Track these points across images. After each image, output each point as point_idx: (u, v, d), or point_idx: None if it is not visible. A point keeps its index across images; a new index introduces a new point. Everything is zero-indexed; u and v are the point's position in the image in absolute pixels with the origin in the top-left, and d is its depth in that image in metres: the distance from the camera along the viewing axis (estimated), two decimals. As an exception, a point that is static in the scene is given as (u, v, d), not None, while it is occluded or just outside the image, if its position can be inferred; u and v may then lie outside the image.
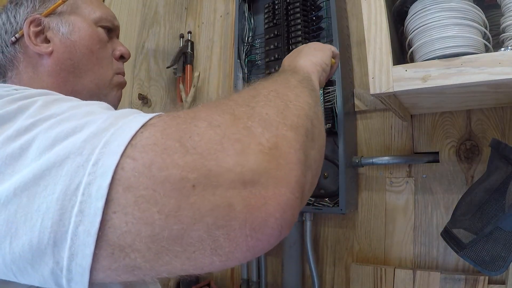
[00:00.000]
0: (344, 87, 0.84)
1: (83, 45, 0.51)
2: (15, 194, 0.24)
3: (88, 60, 0.51)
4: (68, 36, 0.50)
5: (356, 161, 0.85)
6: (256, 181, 0.24)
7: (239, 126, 0.26)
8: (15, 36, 0.49)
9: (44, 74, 0.49)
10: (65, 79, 0.49)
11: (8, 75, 0.49)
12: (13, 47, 0.49)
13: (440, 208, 0.79)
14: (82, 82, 0.51)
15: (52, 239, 0.23)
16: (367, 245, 0.87)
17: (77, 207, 0.22)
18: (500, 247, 0.57)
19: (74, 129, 0.25)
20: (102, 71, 0.53)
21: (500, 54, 0.48)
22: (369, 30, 0.58)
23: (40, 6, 0.51)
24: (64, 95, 0.46)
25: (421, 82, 0.52)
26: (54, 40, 0.49)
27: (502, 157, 0.60)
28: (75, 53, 0.50)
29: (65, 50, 0.50)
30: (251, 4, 1.07)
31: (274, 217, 0.24)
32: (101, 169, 0.23)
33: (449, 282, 0.72)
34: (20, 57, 0.49)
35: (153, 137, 0.24)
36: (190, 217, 0.23)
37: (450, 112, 0.80)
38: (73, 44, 0.50)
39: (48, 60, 0.49)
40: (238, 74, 1.04)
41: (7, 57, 0.49)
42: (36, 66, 0.49)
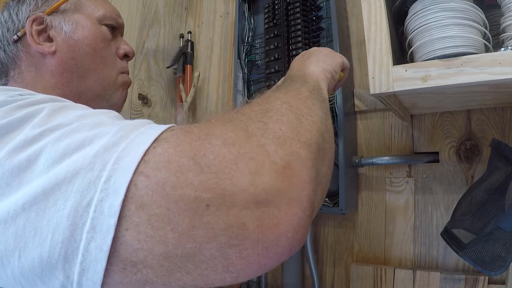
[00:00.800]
0: (344, 87, 0.84)
1: (87, 44, 0.50)
2: (24, 208, 0.23)
3: (92, 60, 0.50)
4: (71, 35, 0.49)
5: (356, 161, 0.85)
6: (270, 201, 0.23)
7: (253, 144, 0.26)
8: (17, 34, 0.48)
9: (47, 74, 0.48)
10: (69, 79, 0.48)
11: (11, 74, 0.48)
12: (15, 45, 0.48)
13: (440, 208, 0.79)
14: (87, 82, 0.50)
15: (63, 254, 0.23)
16: (367, 245, 0.87)
17: (89, 224, 0.22)
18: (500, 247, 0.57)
19: (84, 141, 0.25)
20: (106, 71, 0.52)
21: (500, 54, 0.48)
22: (369, 30, 0.58)
23: (43, 4, 0.49)
24: (69, 95, 0.46)
25: (421, 82, 0.52)
26: (57, 39, 0.48)
27: (502, 157, 0.60)
28: (79, 53, 0.49)
29: (69, 50, 0.48)
30: (251, 4, 1.07)
31: (286, 237, 0.24)
32: (113, 186, 0.23)
33: (449, 282, 0.72)
34: (23, 56, 0.48)
35: (167, 153, 0.23)
36: (204, 236, 0.22)
37: (450, 112, 0.80)
38: (76, 43, 0.49)
39: (51, 60, 0.48)
40: (238, 74, 1.04)
41: (9, 56, 0.48)
42: (39, 66, 0.48)
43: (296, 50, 0.89)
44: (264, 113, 0.30)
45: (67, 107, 0.30)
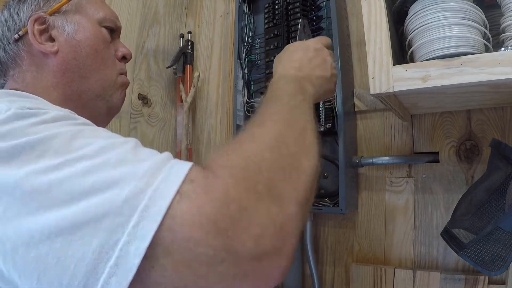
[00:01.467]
0: (344, 87, 0.84)
1: (88, 44, 0.50)
2: (49, 237, 0.25)
3: (93, 60, 0.51)
4: (73, 36, 0.49)
5: (356, 161, 0.85)
6: (267, 258, 0.28)
7: (261, 210, 0.29)
8: (18, 33, 0.48)
9: (49, 73, 0.48)
10: (70, 79, 0.49)
11: (10, 73, 0.48)
12: (16, 44, 0.48)
13: (440, 208, 0.79)
14: (88, 82, 0.50)
15: (82, 284, 0.25)
16: (367, 245, 0.87)
17: (113, 261, 0.25)
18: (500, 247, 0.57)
19: (111, 182, 0.27)
20: (107, 71, 0.53)
21: (500, 54, 0.48)
22: (369, 30, 0.58)
23: (45, 4, 0.50)
24: (70, 95, 0.49)
25: (421, 82, 0.52)
26: (59, 39, 0.49)
27: (502, 157, 0.60)
28: (80, 53, 0.50)
29: (71, 50, 0.49)
30: (251, 4, 1.07)
31: (274, 279, 0.30)
32: (141, 231, 0.25)
33: (449, 282, 0.72)
34: (23, 55, 0.48)
35: (190, 212, 0.27)
36: (216, 280, 0.27)
37: (450, 112, 0.80)
38: (78, 44, 0.49)
39: (53, 60, 0.48)
40: (238, 74, 1.04)
41: (9, 55, 0.48)
42: (40, 65, 0.48)
43: (296, 50, 0.89)
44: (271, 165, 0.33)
45: (85, 131, 0.32)
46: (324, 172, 0.92)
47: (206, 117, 1.22)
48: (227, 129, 1.16)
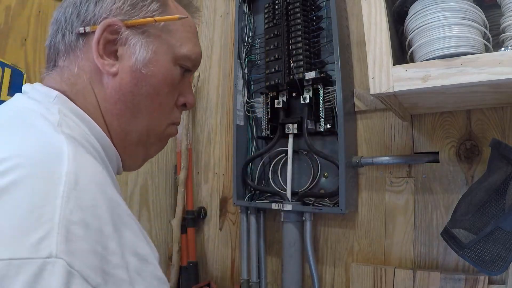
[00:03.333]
0: (344, 87, 0.84)
1: (152, 84, 0.42)
2: None
3: (150, 103, 0.43)
4: (141, 66, 0.41)
5: (356, 161, 0.85)
6: None
7: None
8: (84, 28, 0.40)
9: (100, 93, 0.40)
10: (121, 112, 0.41)
11: (59, 64, 0.41)
12: (77, 38, 0.40)
13: (440, 208, 0.79)
14: (136, 123, 0.43)
15: None
16: (367, 245, 0.87)
17: None
18: (500, 247, 0.57)
19: None
20: (159, 118, 0.45)
21: (500, 54, 0.48)
22: (369, 30, 0.58)
23: (128, 11, 0.41)
24: (116, 132, 0.42)
25: (421, 82, 0.52)
26: (123, 62, 0.40)
27: (502, 157, 0.60)
28: (140, 90, 0.41)
29: (131, 81, 0.41)
30: (251, 4, 1.07)
31: None
32: None
33: (449, 282, 0.72)
34: (80, 56, 0.40)
35: None
36: None
37: (450, 112, 0.80)
38: (142, 78, 0.41)
39: (108, 81, 0.40)
40: (238, 74, 1.04)
41: (65, 44, 0.40)
42: (93, 79, 0.40)
43: (296, 50, 0.89)
44: None
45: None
46: (324, 172, 0.92)
47: (206, 117, 1.22)
48: (227, 129, 1.16)
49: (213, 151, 1.19)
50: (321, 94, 0.88)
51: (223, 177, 1.15)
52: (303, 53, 0.88)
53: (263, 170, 1.03)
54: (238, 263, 1.10)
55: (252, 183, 1.00)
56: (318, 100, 0.88)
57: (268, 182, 1.01)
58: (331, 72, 0.88)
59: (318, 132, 0.90)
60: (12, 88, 0.83)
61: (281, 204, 0.89)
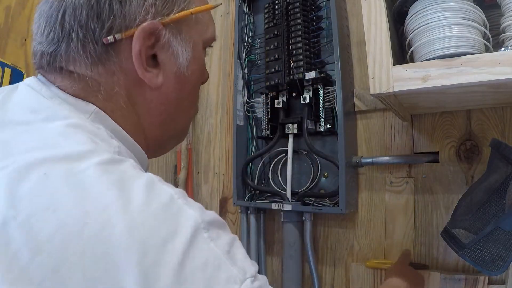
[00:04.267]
0: (344, 87, 0.84)
1: (193, 81, 0.38)
2: None
3: (191, 100, 0.39)
4: (184, 69, 0.36)
5: (356, 161, 0.85)
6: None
7: None
8: (114, 36, 0.31)
9: (142, 108, 0.35)
10: (163, 121, 0.37)
11: (77, 70, 0.33)
12: (106, 49, 0.32)
13: (440, 208, 0.79)
14: (177, 124, 0.40)
15: None
16: (367, 245, 0.87)
17: None
18: (500, 247, 0.57)
19: None
20: (194, 108, 0.41)
21: (500, 54, 0.48)
22: (369, 30, 0.58)
23: (163, 7, 0.34)
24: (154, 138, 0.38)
25: (421, 82, 0.52)
26: (166, 69, 0.35)
27: (502, 157, 0.60)
28: (183, 92, 0.37)
29: (176, 87, 0.36)
30: (251, 4, 1.07)
31: None
32: None
33: (449, 282, 0.72)
34: (113, 70, 0.33)
35: None
36: None
37: (450, 112, 0.80)
38: (185, 81, 0.37)
39: (152, 93, 0.35)
40: (238, 74, 1.04)
41: (90, 56, 0.32)
42: (133, 93, 0.34)
43: (296, 50, 0.89)
44: None
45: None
46: (324, 172, 0.92)
47: (206, 117, 1.22)
48: (227, 129, 1.16)
49: (213, 151, 1.19)
50: (321, 94, 0.88)
51: (223, 177, 1.15)
52: (303, 53, 0.88)
53: (263, 170, 1.03)
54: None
55: (252, 183, 1.00)
56: (318, 100, 0.88)
57: (268, 182, 1.01)
58: (331, 72, 0.88)
59: (318, 132, 0.90)
60: (12, 88, 0.83)
61: (281, 204, 0.89)
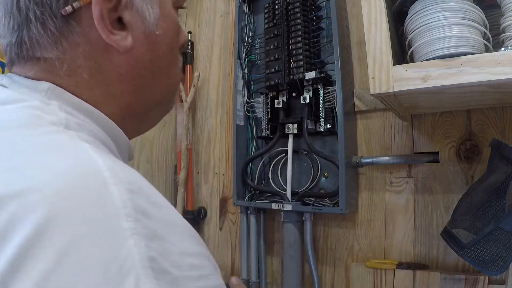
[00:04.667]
0: (344, 87, 0.84)
1: (166, 41, 0.36)
2: None
3: (166, 62, 0.37)
4: (154, 28, 0.34)
5: (356, 161, 0.85)
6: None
7: None
8: (72, 4, 0.30)
9: (112, 75, 0.34)
10: (138, 86, 0.36)
11: (43, 55, 0.32)
12: (66, 21, 0.31)
13: (440, 208, 0.79)
14: (154, 90, 0.37)
15: None
16: (367, 245, 0.87)
17: None
18: (500, 247, 0.57)
19: None
20: (175, 72, 0.40)
21: (500, 54, 0.48)
22: (369, 30, 0.58)
23: None
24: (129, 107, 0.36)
25: (421, 82, 0.52)
26: (134, 30, 0.33)
27: (502, 157, 0.60)
28: (157, 53, 0.36)
29: (148, 49, 0.35)
30: (251, 4, 1.07)
31: None
32: None
33: (449, 282, 0.72)
34: (77, 40, 0.32)
35: None
36: None
37: (450, 112, 0.80)
38: (157, 40, 0.35)
39: (121, 58, 0.33)
40: (238, 74, 1.04)
41: (51, 33, 0.31)
42: (100, 61, 0.33)
43: (296, 50, 0.89)
44: None
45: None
46: (324, 172, 0.92)
47: (206, 117, 1.22)
48: (227, 129, 1.16)
49: (213, 151, 1.19)
50: (321, 94, 0.88)
51: (223, 177, 1.15)
52: (303, 53, 0.88)
53: (263, 170, 1.03)
54: (238, 263, 1.10)
55: (252, 183, 1.00)
56: (318, 100, 0.88)
57: (268, 182, 1.01)
58: (331, 72, 0.88)
59: (318, 132, 0.90)
60: (12, 88, 0.82)
61: (281, 204, 0.89)
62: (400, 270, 0.78)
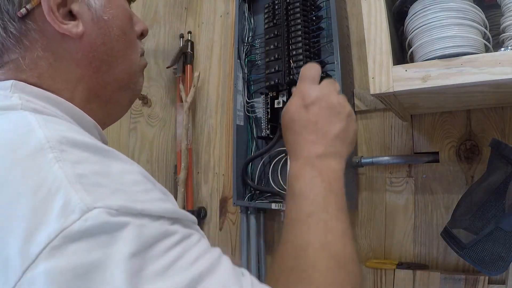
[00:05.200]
0: (344, 87, 0.84)
1: (117, 25, 0.41)
2: None
3: (122, 45, 0.42)
4: (101, 14, 0.39)
5: (356, 161, 0.85)
6: None
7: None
8: (25, 7, 0.35)
9: (70, 62, 0.38)
10: (97, 69, 0.40)
11: (11, 57, 0.37)
12: (23, 22, 0.36)
13: (440, 208, 0.79)
14: (114, 72, 0.42)
15: None
16: (367, 245, 0.87)
17: None
18: (500, 247, 0.57)
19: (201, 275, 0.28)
20: (132, 56, 0.44)
21: (500, 54, 0.48)
22: (369, 30, 0.58)
23: None
24: (93, 89, 0.40)
25: (421, 82, 0.52)
26: (83, 18, 0.38)
27: (502, 157, 0.60)
28: (109, 36, 0.40)
29: (99, 33, 0.39)
30: (251, 4, 1.07)
31: None
32: None
33: (449, 282, 0.72)
34: (35, 37, 0.37)
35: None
36: None
37: (450, 112, 0.80)
38: (106, 25, 0.40)
39: (76, 45, 0.38)
40: (238, 74, 1.04)
41: (12, 35, 0.36)
42: (58, 51, 0.38)
43: (296, 50, 0.89)
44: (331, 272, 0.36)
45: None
46: (324, 172, 0.92)
47: (206, 117, 1.22)
48: (227, 129, 1.16)
49: (213, 151, 1.19)
50: (321, 94, 0.88)
51: (223, 177, 1.15)
52: (303, 53, 0.88)
53: (263, 170, 1.03)
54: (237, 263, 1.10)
55: (252, 183, 1.00)
56: (318, 100, 0.88)
57: (268, 182, 1.01)
58: (331, 72, 0.88)
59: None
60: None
61: (281, 204, 0.89)
62: (400, 270, 0.78)
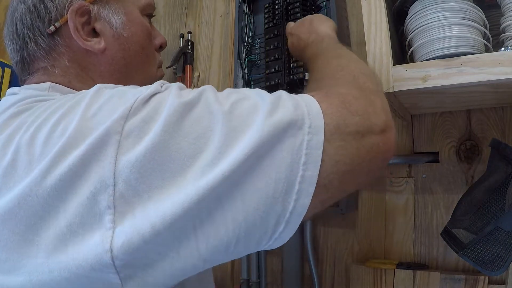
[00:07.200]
0: (344, 87, 0.84)
1: (136, 41, 0.45)
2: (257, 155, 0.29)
3: (140, 59, 0.46)
4: (121, 31, 0.44)
5: (356, 161, 0.85)
6: (386, 130, 0.37)
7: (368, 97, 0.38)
8: (54, 25, 0.41)
9: (94, 74, 0.43)
10: (117, 81, 0.43)
11: (41, 65, 0.42)
12: (52, 38, 0.41)
13: (440, 208, 0.79)
14: (132, 83, 0.46)
15: (285, 188, 0.29)
16: (367, 245, 0.87)
17: (303, 158, 0.30)
18: (500, 247, 0.57)
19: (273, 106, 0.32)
20: (149, 69, 0.48)
21: (500, 54, 0.48)
22: (369, 30, 0.58)
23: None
24: None
25: (421, 82, 0.52)
26: (105, 35, 0.43)
27: (502, 157, 0.60)
28: (128, 52, 0.44)
29: (119, 48, 0.44)
30: (251, 4, 1.07)
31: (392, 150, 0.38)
32: (314, 129, 0.31)
33: (449, 282, 0.72)
34: (62, 51, 0.42)
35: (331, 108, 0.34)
36: (364, 152, 0.34)
37: (450, 112, 0.80)
38: (126, 41, 0.44)
39: (99, 58, 0.43)
40: (238, 74, 1.04)
41: (42, 49, 0.41)
42: (84, 64, 0.42)
43: (296, 50, 0.89)
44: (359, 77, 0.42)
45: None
46: (324, 172, 0.92)
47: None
48: (227, 129, 1.16)
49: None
50: (321, 94, 0.88)
51: (223, 177, 1.15)
52: (303, 53, 0.88)
53: (263, 170, 1.03)
54: (238, 263, 1.10)
55: (252, 183, 1.00)
56: (318, 100, 0.88)
57: (268, 182, 1.01)
58: (331, 72, 0.88)
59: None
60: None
61: (281, 204, 0.89)
62: (400, 270, 0.78)
